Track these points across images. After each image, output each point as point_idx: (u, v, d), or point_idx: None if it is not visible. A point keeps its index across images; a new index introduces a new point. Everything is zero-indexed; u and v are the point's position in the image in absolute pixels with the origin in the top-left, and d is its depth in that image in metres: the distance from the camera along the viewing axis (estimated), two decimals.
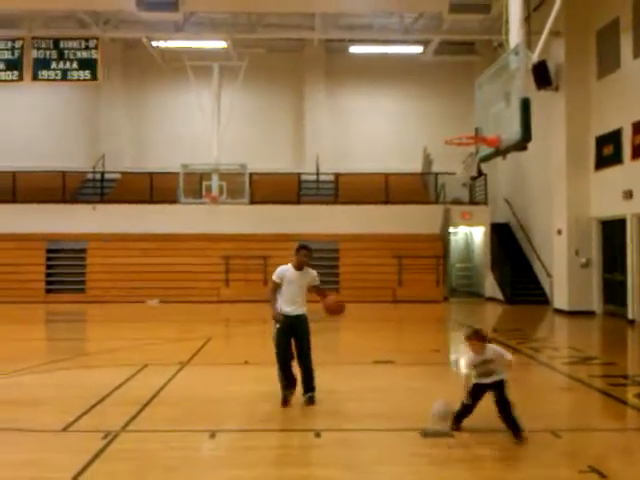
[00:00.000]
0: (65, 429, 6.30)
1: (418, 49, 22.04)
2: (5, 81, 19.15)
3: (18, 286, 20.95)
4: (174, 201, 21.06)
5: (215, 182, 20.47)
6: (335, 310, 7.42)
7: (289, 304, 7.27)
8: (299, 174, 24.02)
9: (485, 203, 23.03)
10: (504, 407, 6.00)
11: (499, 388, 6.07)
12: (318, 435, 6.10)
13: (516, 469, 5.30)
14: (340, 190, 23.38)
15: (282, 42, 24.10)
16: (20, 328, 15.71)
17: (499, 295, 21.57)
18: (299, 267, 7.33)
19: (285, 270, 7.34)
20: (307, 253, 7.33)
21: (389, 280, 21.46)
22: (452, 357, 5.37)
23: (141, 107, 25.98)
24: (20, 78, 18.99)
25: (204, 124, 21.64)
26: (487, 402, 7.58)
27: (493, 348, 6.23)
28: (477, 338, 6.18)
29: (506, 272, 21.33)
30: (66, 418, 6.58)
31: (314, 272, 7.46)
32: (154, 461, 5.44)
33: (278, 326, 7.25)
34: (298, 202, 23.04)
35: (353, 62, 24.91)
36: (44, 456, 5.60)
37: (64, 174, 22.93)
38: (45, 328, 17.27)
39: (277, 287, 7.31)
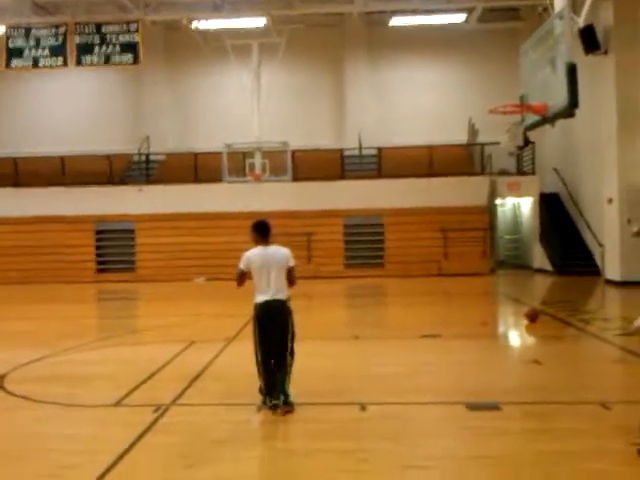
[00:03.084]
0: (117, 403, 6.47)
1: (461, 17, 21.56)
2: (50, 67, 19.56)
3: (70, 266, 21.60)
4: (218, 180, 21.18)
5: (258, 160, 20.53)
6: None
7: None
8: (341, 150, 23.84)
9: (533, 173, 22.51)
10: None
11: None
12: (364, 408, 6.11)
13: (564, 441, 5.20)
14: (383, 164, 23.11)
15: (321, 17, 23.79)
16: (73, 307, 16.15)
17: (548, 266, 21.18)
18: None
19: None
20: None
21: (435, 254, 21.26)
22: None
23: (183, 88, 26.13)
24: (64, 64, 19.35)
25: (245, 103, 21.65)
26: (534, 373, 7.47)
27: None
28: None
29: (555, 243, 20.92)
30: (118, 393, 6.76)
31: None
32: (203, 434, 5.54)
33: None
34: (341, 178, 22.88)
35: (394, 34, 24.46)
36: (97, 430, 5.78)
37: (110, 157, 23.34)
38: (97, 306, 17.75)
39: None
